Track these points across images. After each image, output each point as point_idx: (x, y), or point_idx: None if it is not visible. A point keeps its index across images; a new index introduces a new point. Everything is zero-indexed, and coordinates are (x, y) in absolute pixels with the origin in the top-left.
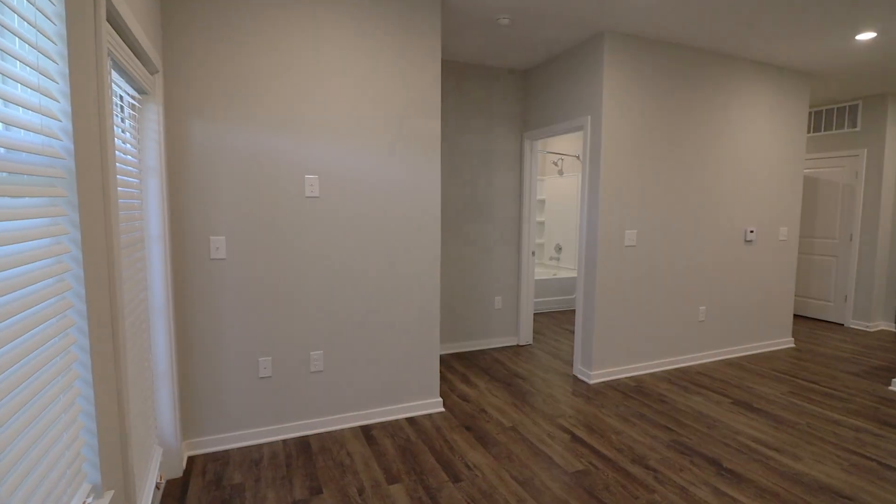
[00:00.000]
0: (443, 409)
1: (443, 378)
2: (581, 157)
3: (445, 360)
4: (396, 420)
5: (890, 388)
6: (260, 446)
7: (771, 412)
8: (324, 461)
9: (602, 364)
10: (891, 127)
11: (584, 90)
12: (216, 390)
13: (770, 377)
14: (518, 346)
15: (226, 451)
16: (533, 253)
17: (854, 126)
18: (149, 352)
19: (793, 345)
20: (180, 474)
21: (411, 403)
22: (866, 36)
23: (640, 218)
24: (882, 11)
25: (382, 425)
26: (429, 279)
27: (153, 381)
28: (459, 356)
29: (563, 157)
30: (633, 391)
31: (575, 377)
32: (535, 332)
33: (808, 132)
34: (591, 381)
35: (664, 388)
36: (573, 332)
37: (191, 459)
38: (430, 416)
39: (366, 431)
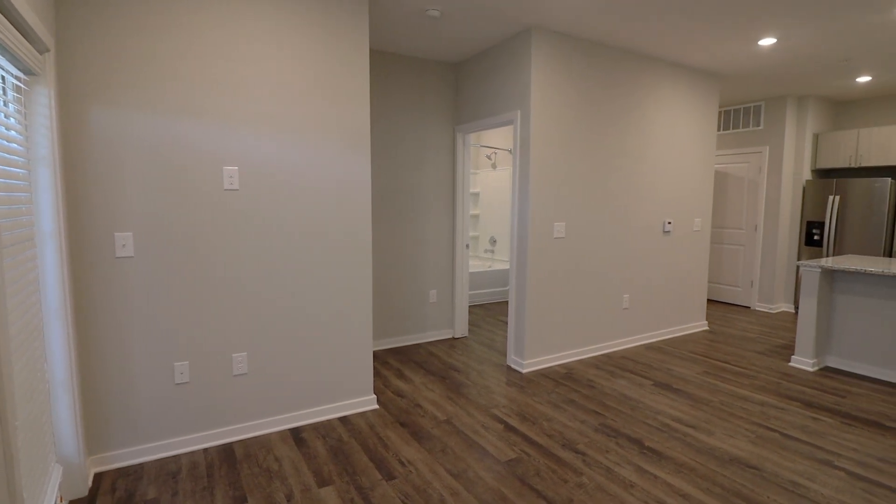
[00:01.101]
0: (377, 407)
1: (377, 374)
2: (512, 151)
3: (380, 356)
4: (328, 420)
5: (790, 364)
6: (178, 457)
7: (688, 392)
8: (249, 468)
9: (534, 353)
10: (789, 126)
11: (513, 85)
12: (126, 400)
13: (688, 359)
14: (454, 338)
15: (139, 465)
16: (467, 246)
17: (758, 125)
18: (43, 360)
19: (707, 328)
20: (85, 493)
21: (344, 402)
22: (767, 42)
23: (568, 210)
24: (782, 19)
25: (314, 426)
26: (360, 274)
27: (49, 393)
28: (394, 351)
29: (497, 150)
30: (564, 378)
31: (509, 367)
32: (471, 324)
33: (719, 130)
34: (524, 371)
35: (592, 374)
36: (507, 323)
37: (98, 476)
38: (363, 414)
39: (295, 434)
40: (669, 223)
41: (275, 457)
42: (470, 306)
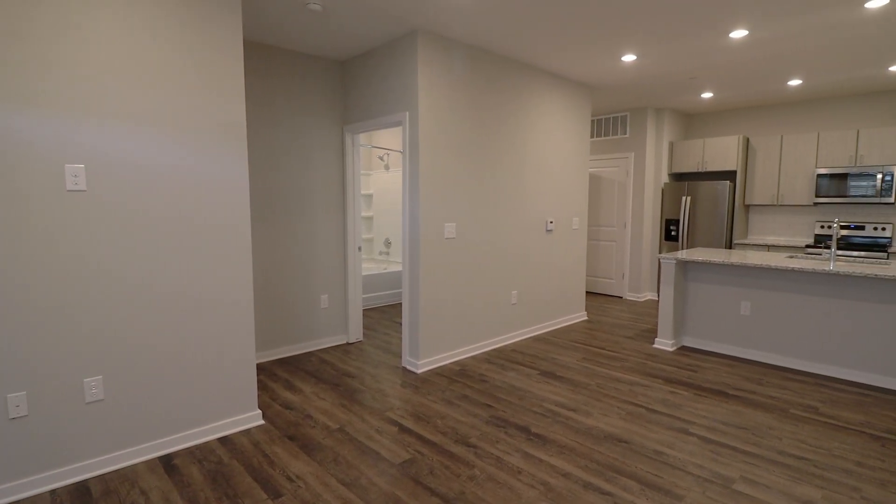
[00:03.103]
0: (262, 422)
1: (263, 388)
2: (402, 153)
3: (266, 368)
4: (206, 442)
5: (654, 346)
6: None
7: (570, 378)
8: None
9: (429, 353)
10: (650, 135)
11: (401, 86)
12: None
13: (570, 347)
14: (348, 343)
15: None
16: (359, 248)
17: (625, 133)
18: None
19: (586, 318)
20: None
21: (224, 421)
22: (629, 58)
23: (458, 211)
24: (640, 39)
25: (188, 451)
26: (239, 282)
27: None
28: (283, 361)
29: (389, 151)
30: (458, 375)
31: (404, 368)
32: (366, 328)
33: (592, 137)
34: (419, 371)
35: (484, 369)
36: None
37: None
38: (247, 431)
39: (166, 462)
40: (551, 223)
41: (140, 490)
42: (365, 310)
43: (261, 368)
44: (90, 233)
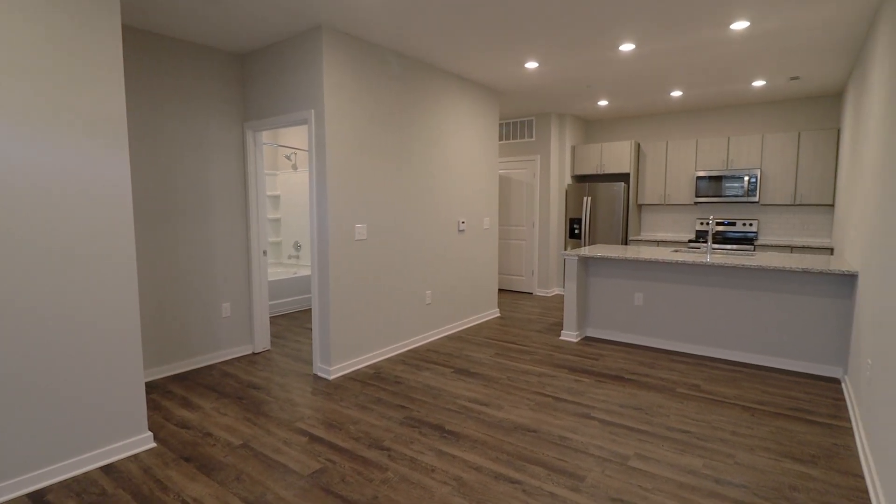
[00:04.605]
0: (154, 445)
1: (156, 407)
2: (308, 152)
3: (160, 386)
4: (87, 473)
5: (560, 338)
6: None
7: (483, 374)
8: None
9: (341, 358)
10: (553, 139)
11: (306, 83)
12: None
13: (483, 344)
14: (254, 353)
15: None
16: (265, 252)
17: (531, 137)
18: None
19: (499, 314)
20: None
21: (109, 447)
22: (532, 65)
23: (369, 212)
24: (541, 47)
25: (65, 484)
26: (121, 294)
27: None
28: (180, 377)
29: (297, 151)
30: (372, 378)
31: (315, 376)
32: (275, 335)
33: (501, 140)
34: (332, 377)
35: (400, 370)
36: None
37: None
38: (136, 456)
39: (38, 498)
40: (463, 223)
41: None
42: (274, 317)
43: (153, 387)
44: None
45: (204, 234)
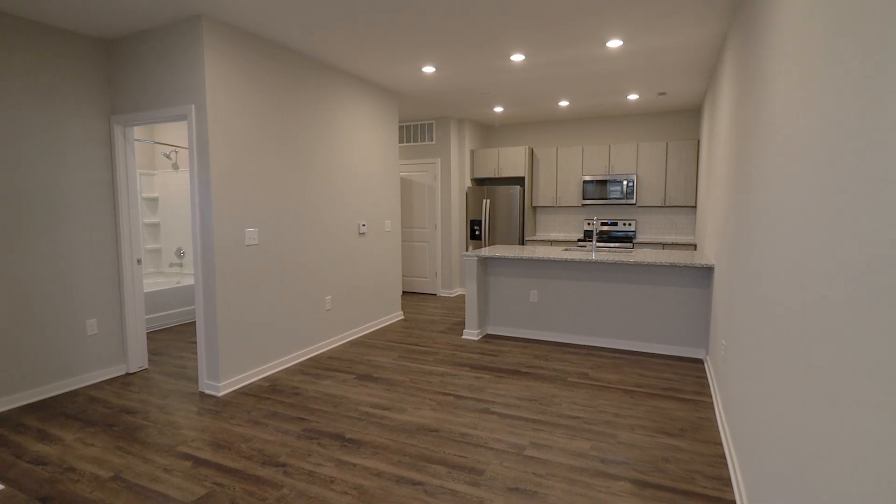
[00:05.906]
0: (1, 488)
1: (4, 444)
2: (188, 150)
3: (10, 418)
4: None
5: (462, 337)
6: None
7: (386, 378)
8: None
9: (231, 372)
10: (453, 143)
11: (185, 76)
12: None
13: (386, 348)
14: (128, 374)
15: None
16: (139, 261)
17: (431, 140)
18: None
19: (402, 317)
20: None
21: None
22: (429, 69)
23: (260, 215)
24: (437, 51)
25: None
26: None
27: None
28: (36, 407)
29: (178, 149)
30: (267, 391)
31: (202, 394)
32: (153, 352)
33: (402, 142)
34: (221, 394)
35: (298, 380)
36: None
37: None
38: None
39: None
40: (364, 225)
41: None
42: (154, 331)
43: (0, 420)
44: None
45: (64, 243)
